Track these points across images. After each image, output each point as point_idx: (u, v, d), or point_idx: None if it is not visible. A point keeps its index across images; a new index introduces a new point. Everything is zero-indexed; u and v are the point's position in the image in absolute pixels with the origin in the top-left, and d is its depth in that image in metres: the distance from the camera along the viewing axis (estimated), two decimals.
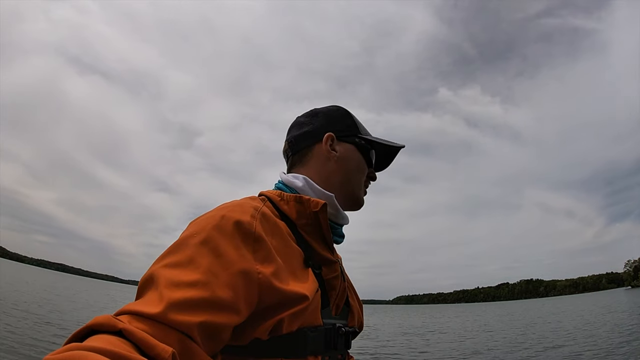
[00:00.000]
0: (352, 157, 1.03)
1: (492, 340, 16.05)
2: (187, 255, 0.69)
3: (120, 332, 0.54)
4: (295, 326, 0.78)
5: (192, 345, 0.62)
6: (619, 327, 16.85)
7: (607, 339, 13.33)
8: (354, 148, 1.04)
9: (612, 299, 49.76)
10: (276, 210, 0.89)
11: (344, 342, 0.89)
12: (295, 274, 0.81)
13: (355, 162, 1.03)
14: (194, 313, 0.63)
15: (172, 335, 0.60)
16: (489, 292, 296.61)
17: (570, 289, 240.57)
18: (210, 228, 0.74)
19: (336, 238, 1.01)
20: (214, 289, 0.66)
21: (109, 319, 0.55)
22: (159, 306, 0.61)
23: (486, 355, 11.83)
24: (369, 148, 1.07)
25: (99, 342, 0.50)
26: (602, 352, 10.59)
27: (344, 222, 1.01)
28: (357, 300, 1.07)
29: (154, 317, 0.60)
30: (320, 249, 0.91)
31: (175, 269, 0.67)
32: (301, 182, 0.97)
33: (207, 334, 0.65)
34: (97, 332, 0.54)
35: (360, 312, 1.07)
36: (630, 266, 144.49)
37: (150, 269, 0.69)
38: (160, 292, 0.64)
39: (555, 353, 11.33)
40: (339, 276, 0.94)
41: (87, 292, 45.38)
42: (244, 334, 0.75)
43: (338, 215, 0.98)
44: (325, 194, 0.96)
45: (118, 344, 0.52)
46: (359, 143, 1.05)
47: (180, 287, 0.64)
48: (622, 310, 27.88)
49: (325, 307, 0.87)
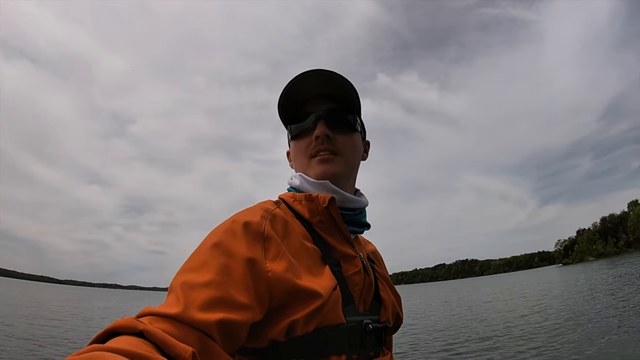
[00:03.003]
0: (292, 150, 1.02)
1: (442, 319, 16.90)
2: (200, 259, 0.73)
3: (141, 333, 0.56)
4: (311, 327, 0.77)
5: (211, 344, 0.64)
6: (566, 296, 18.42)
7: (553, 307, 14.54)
8: (290, 141, 1.02)
9: (554, 276, 55.02)
10: (291, 212, 0.91)
11: (374, 338, 0.87)
12: (311, 272, 0.81)
13: (295, 150, 1.01)
14: (212, 311, 0.66)
15: (191, 335, 0.62)
16: (427, 273, 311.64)
17: (504, 267, 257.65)
18: (221, 232, 0.78)
19: (354, 228, 0.97)
20: (227, 288, 0.69)
21: (130, 321, 0.57)
22: (179, 307, 0.64)
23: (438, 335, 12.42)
24: (289, 123, 1.00)
25: (120, 343, 0.52)
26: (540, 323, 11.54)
27: (355, 204, 0.96)
28: (393, 293, 1.04)
29: (174, 317, 0.63)
30: (338, 244, 0.90)
31: (190, 273, 0.71)
32: (298, 179, 0.98)
33: (225, 332, 0.67)
34: (118, 334, 0.56)
35: (398, 305, 1.04)
36: (561, 245, 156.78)
37: (172, 280, 0.73)
38: (177, 295, 0.67)
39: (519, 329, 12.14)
40: (360, 271, 0.91)
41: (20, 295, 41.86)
42: (260, 335, 0.76)
43: (344, 199, 0.94)
44: (319, 182, 0.93)
45: (139, 345, 0.53)
46: (289, 137, 1.03)
47: (196, 289, 0.67)
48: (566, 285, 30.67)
49: (349, 304, 0.85)
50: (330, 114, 0.95)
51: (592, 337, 9.17)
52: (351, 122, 0.99)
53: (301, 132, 0.97)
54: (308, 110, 0.96)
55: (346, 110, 0.98)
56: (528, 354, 8.27)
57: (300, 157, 0.98)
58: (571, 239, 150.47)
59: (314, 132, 0.94)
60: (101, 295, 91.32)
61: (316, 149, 0.94)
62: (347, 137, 0.97)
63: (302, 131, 0.97)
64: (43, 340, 11.49)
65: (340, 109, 0.97)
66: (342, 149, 0.96)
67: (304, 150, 0.97)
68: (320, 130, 0.93)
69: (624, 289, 18.37)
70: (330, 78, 0.92)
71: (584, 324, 10.87)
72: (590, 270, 49.82)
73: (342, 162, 0.96)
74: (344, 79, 0.93)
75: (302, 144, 0.97)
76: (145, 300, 57.72)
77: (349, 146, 0.97)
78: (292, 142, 1.01)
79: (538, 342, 9.35)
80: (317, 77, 0.92)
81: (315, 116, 0.95)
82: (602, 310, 13.00)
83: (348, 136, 0.98)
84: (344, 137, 0.96)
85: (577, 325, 10.91)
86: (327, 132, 0.93)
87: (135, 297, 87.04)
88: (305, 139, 0.96)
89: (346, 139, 0.97)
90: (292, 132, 1.00)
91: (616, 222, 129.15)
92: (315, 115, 0.95)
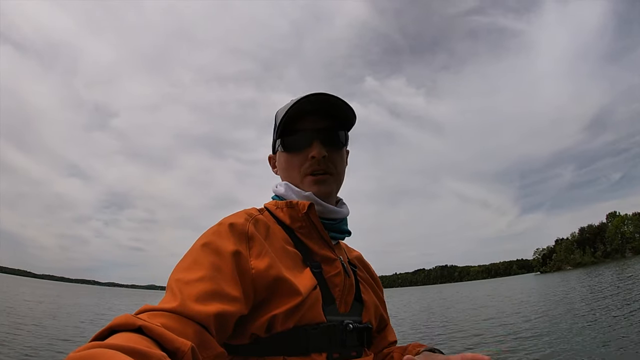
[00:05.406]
0: (281, 162, 1.04)
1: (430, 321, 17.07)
2: (192, 259, 0.79)
3: (140, 329, 0.57)
4: (291, 323, 0.81)
5: (208, 337, 0.68)
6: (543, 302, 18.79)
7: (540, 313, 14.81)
8: (279, 153, 1.04)
9: (534, 283, 56.21)
10: (274, 218, 0.96)
11: (355, 338, 0.90)
12: (292, 272, 0.85)
13: (284, 163, 1.02)
14: (208, 303, 0.70)
15: (190, 328, 0.66)
16: (407, 277, 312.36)
17: (483, 274, 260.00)
18: (210, 234, 0.84)
19: (335, 235, 1.01)
20: (219, 282, 0.74)
21: (129, 318, 0.59)
22: (176, 301, 0.69)
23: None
24: (283, 137, 1.00)
25: (120, 340, 0.53)
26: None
27: (336, 215, 1.00)
28: (377, 295, 1.08)
29: (172, 310, 0.67)
30: (318, 248, 0.94)
31: (183, 272, 0.76)
32: (283, 187, 1.01)
33: (220, 324, 0.71)
34: (118, 332, 0.57)
35: (382, 307, 1.09)
36: (539, 254, 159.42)
37: (168, 280, 0.78)
38: (173, 291, 0.72)
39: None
40: (340, 272, 0.94)
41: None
42: (243, 330, 0.80)
43: (326, 210, 0.97)
44: (303, 193, 0.97)
45: (138, 340, 0.54)
46: (278, 146, 1.03)
47: (190, 284, 0.72)
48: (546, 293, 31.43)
49: (330, 304, 0.88)
50: (327, 132, 0.98)
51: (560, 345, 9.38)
52: (343, 139, 1.01)
53: (295, 147, 0.98)
54: (303, 126, 0.97)
55: (340, 127, 1.00)
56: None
57: (292, 171, 1.00)
58: (550, 248, 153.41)
59: (310, 150, 0.96)
60: (80, 291, 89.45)
61: (311, 169, 0.97)
62: (339, 155, 1.00)
63: (296, 147, 0.98)
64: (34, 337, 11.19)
65: (335, 126, 0.99)
66: (335, 169, 0.99)
67: (297, 167, 0.98)
68: (318, 151, 0.95)
69: (599, 299, 18.82)
70: (327, 96, 0.94)
71: (553, 331, 11.10)
72: (566, 279, 50.92)
73: (335, 182, 1.00)
74: (341, 99, 0.95)
75: (295, 159, 0.98)
76: (132, 299, 56.78)
77: (340, 165, 1.01)
78: (284, 154, 1.01)
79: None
80: (317, 96, 0.93)
81: (312, 134, 0.96)
82: (575, 319, 13.29)
83: (340, 154, 1.01)
84: (337, 156, 1.00)
85: (546, 333, 11.14)
86: (323, 152, 0.96)
87: (126, 295, 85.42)
88: (299, 155, 0.98)
89: (338, 157, 1.00)
90: (284, 145, 1.00)
91: (594, 233, 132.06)
92: (311, 134, 0.96)
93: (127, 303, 40.59)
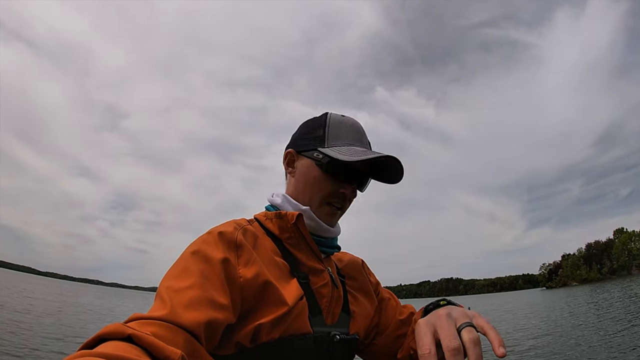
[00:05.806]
0: (308, 173, 0.98)
1: None
2: (182, 267, 0.78)
3: (130, 337, 0.56)
4: (277, 334, 0.80)
5: (198, 345, 0.67)
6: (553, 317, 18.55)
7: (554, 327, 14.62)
8: (311, 163, 0.98)
9: (540, 298, 55.72)
10: (263, 229, 0.95)
11: (343, 349, 0.89)
12: (279, 282, 0.85)
13: (312, 177, 0.98)
14: (198, 311, 0.69)
15: (180, 336, 0.65)
16: (411, 289, 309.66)
17: (489, 287, 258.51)
18: (199, 242, 0.83)
19: (325, 249, 1.00)
20: (208, 289, 0.74)
21: (118, 326, 0.57)
22: (165, 309, 0.68)
23: None
24: (329, 163, 0.95)
25: (108, 348, 0.52)
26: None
27: (328, 234, 1.00)
28: (368, 306, 1.06)
29: (161, 319, 0.66)
30: (306, 260, 0.94)
31: (173, 279, 0.75)
32: (280, 198, 1.01)
33: (209, 332, 0.71)
34: (107, 340, 0.56)
35: (373, 318, 1.07)
36: (545, 269, 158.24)
37: (158, 288, 0.77)
38: (163, 299, 0.71)
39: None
40: (328, 284, 0.95)
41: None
42: (229, 340, 0.79)
43: (319, 228, 0.97)
44: (300, 207, 0.97)
45: (127, 349, 0.54)
46: (317, 157, 0.97)
47: (180, 291, 0.71)
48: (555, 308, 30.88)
49: (317, 315, 0.88)
50: (365, 179, 1.02)
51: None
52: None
53: (335, 174, 0.96)
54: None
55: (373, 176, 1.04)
56: None
57: (314, 189, 0.97)
58: (556, 263, 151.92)
59: (345, 187, 0.97)
60: (83, 290, 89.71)
61: (334, 201, 0.98)
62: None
63: (336, 175, 0.96)
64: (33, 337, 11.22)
65: (371, 175, 1.03)
66: (348, 205, 1.02)
67: (323, 190, 0.96)
68: (351, 193, 0.99)
69: (603, 316, 18.53)
70: (396, 161, 0.93)
71: (559, 350, 10.93)
72: (572, 294, 50.23)
73: (342, 214, 1.02)
74: (402, 169, 0.96)
75: (326, 184, 0.96)
76: (135, 300, 56.81)
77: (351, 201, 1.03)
78: (317, 169, 0.97)
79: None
80: (388, 158, 0.93)
81: (355, 176, 0.98)
82: (581, 336, 13.09)
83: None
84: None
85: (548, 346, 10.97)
86: (354, 196, 1.00)
87: (129, 296, 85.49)
88: (332, 183, 0.96)
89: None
90: (327, 164, 0.95)
91: (601, 249, 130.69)
92: (355, 176, 0.98)
93: (129, 304, 40.61)
